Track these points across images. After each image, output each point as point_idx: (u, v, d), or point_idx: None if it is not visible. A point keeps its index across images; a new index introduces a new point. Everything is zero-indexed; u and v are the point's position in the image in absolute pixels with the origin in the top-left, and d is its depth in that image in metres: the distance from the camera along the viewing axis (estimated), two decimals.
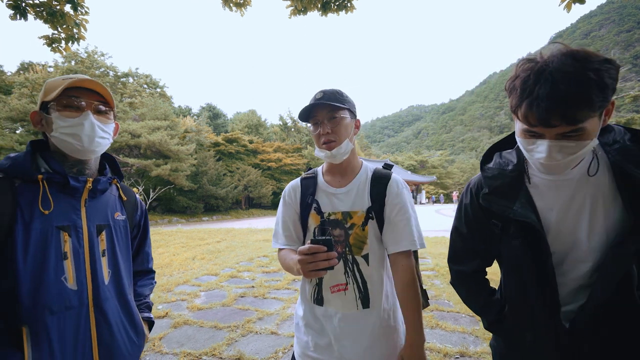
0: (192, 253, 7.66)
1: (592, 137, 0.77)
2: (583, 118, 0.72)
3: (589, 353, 0.87)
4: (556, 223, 0.89)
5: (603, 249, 0.84)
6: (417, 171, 57.60)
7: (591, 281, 0.86)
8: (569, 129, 0.74)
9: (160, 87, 29.62)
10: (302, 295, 1.24)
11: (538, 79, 0.73)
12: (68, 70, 21.07)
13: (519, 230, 0.92)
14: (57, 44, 3.76)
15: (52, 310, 0.87)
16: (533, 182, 0.94)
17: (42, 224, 0.89)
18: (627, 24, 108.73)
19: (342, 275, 1.14)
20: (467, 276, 1.12)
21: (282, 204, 1.27)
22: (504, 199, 0.94)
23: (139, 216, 1.23)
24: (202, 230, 13.29)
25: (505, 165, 0.99)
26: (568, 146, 0.77)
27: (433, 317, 3.46)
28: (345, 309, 1.12)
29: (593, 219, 0.85)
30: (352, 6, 4.21)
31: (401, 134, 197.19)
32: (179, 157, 20.18)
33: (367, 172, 1.22)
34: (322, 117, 1.13)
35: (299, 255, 0.92)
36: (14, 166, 0.91)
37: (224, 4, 3.98)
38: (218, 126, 39.87)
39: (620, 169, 0.82)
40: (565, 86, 0.70)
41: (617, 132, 0.89)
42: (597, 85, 0.70)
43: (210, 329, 3.27)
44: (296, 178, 1.30)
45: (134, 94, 23.83)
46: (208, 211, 23.64)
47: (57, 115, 0.95)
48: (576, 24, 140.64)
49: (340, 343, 1.11)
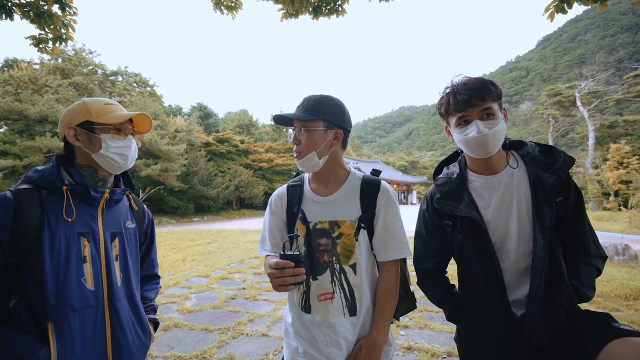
0: (182, 254, 7.60)
1: (500, 118, 1.08)
2: (488, 98, 1.06)
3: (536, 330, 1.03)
4: (493, 218, 1.12)
5: (530, 236, 1.07)
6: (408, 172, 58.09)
7: (527, 265, 1.08)
8: (484, 106, 1.06)
9: (150, 86, 29.18)
10: (290, 302, 1.25)
11: (454, 88, 1.10)
12: (55, 68, 20.60)
13: (463, 225, 1.15)
14: (44, 45, 3.70)
15: (74, 308, 0.97)
16: (472, 186, 1.18)
17: (65, 230, 0.99)
18: (612, 28, 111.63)
19: (329, 284, 1.14)
20: (429, 273, 1.29)
21: (269, 211, 1.27)
22: (452, 201, 1.17)
23: (147, 225, 1.33)
24: (193, 231, 13.18)
25: (451, 175, 1.23)
26: (487, 121, 1.07)
27: (422, 318, 3.52)
28: (332, 317, 1.12)
29: (519, 213, 1.09)
30: (343, 10, 4.26)
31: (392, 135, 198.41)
32: (169, 157, 19.95)
33: (355, 181, 1.20)
34: (296, 126, 1.16)
35: (269, 269, 0.94)
36: (42, 178, 1.01)
37: (215, 7, 3.98)
38: (209, 126, 39.47)
39: (533, 173, 1.10)
40: (472, 83, 1.08)
41: (530, 146, 1.18)
42: (488, 82, 1.08)
43: (201, 331, 3.27)
44: (287, 181, 1.32)
45: (123, 93, 23.43)
46: (199, 212, 23.43)
47: (109, 136, 1.07)
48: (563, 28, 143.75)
49: (328, 349, 1.11)
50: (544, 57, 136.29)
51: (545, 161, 1.11)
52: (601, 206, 21.21)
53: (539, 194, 1.07)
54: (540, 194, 1.06)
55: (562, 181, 1.09)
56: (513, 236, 1.09)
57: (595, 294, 1.12)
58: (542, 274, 1.02)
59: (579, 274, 1.09)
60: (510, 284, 1.10)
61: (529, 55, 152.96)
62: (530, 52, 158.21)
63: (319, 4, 4.09)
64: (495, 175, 1.14)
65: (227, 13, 4.12)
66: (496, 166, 1.15)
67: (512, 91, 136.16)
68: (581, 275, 1.09)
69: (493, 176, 1.15)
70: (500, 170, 1.15)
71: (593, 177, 22.77)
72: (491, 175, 1.15)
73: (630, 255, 6.39)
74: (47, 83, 18.39)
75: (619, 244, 6.57)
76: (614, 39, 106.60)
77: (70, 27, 3.70)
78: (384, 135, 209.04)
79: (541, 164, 1.11)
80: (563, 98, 30.39)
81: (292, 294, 1.23)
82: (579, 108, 28.67)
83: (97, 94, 19.89)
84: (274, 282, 0.94)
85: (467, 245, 1.14)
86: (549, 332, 1.03)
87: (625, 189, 18.88)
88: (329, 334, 1.12)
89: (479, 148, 1.09)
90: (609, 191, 20.79)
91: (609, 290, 4.46)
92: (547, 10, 2.99)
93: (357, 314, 1.14)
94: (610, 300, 4.15)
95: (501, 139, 1.10)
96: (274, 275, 0.94)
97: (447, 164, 1.33)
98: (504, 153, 1.17)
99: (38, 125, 16.22)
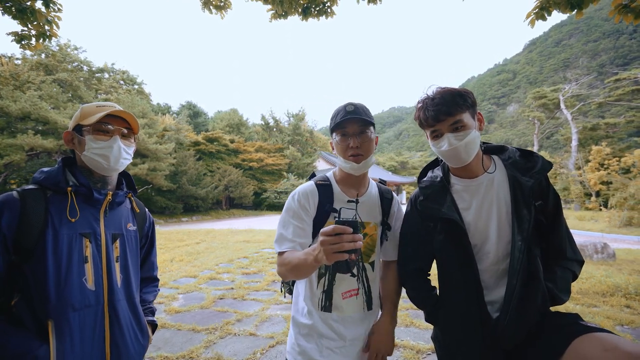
0: (170, 255, 7.52)
1: (471, 128, 1.12)
2: (457, 112, 1.10)
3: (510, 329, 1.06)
4: (473, 220, 1.16)
5: (509, 238, 1.11)
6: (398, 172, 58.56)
7: (506, 266, 1.11)
8: (452, 120, 1.11)
9: (137, 83, 28.59)
10: (308, 304, 1.24)
11: (426, 101, 1.16)
12: (38, 63, 20.03)
13: (444, 226, 1.19)
14: (27, 41, 3.62)
15: (74, 307, 0.98)
16: (454, 189, 1.23)
17: (68, 230, 1.01)
18: (594, 34, 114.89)
19: (354, 281, 1.23)
20: (411, 274, 1.33)
21: (298, 207, 1.21)
22: (435, 203, 1.22)
23: (148, 228, 1.34)
24: (181, 231, 13.03)
25: (435, 178, 1.29)
26: (458, 134, 1.11)
27: (408, 316, 3.59)
28: (354, 312, 1.23)
29: (499, 215, 1.13)
30: (332, 12, 4.30)
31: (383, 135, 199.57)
32: (157, 156, 19.63)
33: (375, 187, 1.35)
34: (352, 130, 1.19)
35: (322, 236, 0.86)
36: (47, 179, 1.03)
37: (204, 6, 3.96)
38: (198, 125, 38.99)
39: (512, 176, 1.14)
40: (439, 98, 1.12)
41: (510, 151, 1.23)
42: (457, 94, 1.12)
43: (188, 331, 3.26)
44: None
45: (110, 90, 22.86)
46: (187, 211, 23.15)
47: (91, 137, 1.08)
48: (548, 32, 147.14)
49: (352, 343, 1.21)
50: (531, 61, 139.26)
51: (524, 165, 1.15)
52: (583, 206, 21.81)
53: (518, 197, 1.10)
54: (520, 196, 1.10)
55: (540, 185, 1.13)
56: (492, 238, 1.13)
57: (569, 297, 1.14)
58: (519, 275, 1.05)
59: (555, 277, 1.11)
60: (489, 285, 1.14)
61: (516, 59, 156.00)
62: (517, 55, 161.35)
63: (308, 5, 4.12)
64: (476, 179, 1.19)
65: (216, 13, 4.11)
66: (476, 170, 1.20)
67: (500, 93, 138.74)
68: (557, 278, 1.11)
69: (473, 179, 1.19)
70: (480, 174, 1.19)
71: (576, 178, 23.38)
72: (472, 179, 1.20)
73: (609, 254, 6.62)
74: (30, 79, 17.84)
75: (598, 242, 6.81)
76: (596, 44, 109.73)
77: (55, 23, 3.63)
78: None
79: (520, 168, 1.15)
80: (548, 101, 31.16)
81: (310, 295, 1.23)
82: (562, 111, 29.43)
83: (82, 91, 19.36)
84: (328, 249, 0.84)
85: (447, 246, 1.19)
86: (522, 333, 1.05)
87: (606, 189, 19.46)
88: (351, 328, 1.22)
89: (453, 159, 1.15)
90: (591, 192, 21.39)
91: (588, 287, 4.62)
92: (528, 17, 3.09)
93: (373, 307, 1.27)
94: (588, 296, 4.31)
95: (475, 148, 1.14)
96: (328, 242, 0.84)
97: (431, 168, 1.38)
98: (485, 157, 1.22)
99: (20, 122, 15.71)
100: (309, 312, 1.23)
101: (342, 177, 1.30)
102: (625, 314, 3.68)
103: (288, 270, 1.09)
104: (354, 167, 1.20)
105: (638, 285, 4.48)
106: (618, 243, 9.77)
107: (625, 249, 8.22)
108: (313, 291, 1.23)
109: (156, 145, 19.50)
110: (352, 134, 1.19)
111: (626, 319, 3.48)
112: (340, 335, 1.20)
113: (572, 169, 25.33)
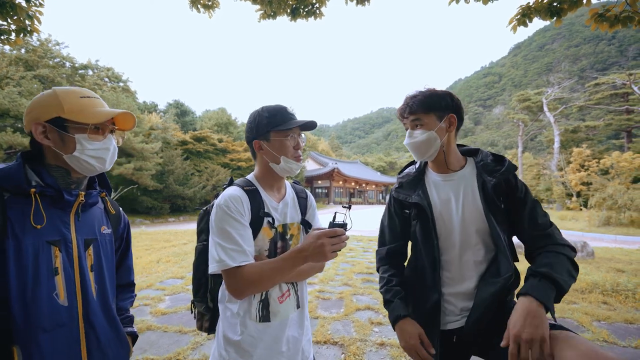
0: (156, 256, 7.38)
1: (431, 128, 1.24)
2: (420, 110, 1.25)
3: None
4: (440, 211, 1.28)
5: (472, 232, 1.23)
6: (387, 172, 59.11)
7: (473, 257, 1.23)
8: (412, 117, 1.27)
9: (123, 81, 27.95)
10: (245, 317, 1.12)
11: (406, 97, 1.31)
12: (17, 58, 19.36)
13: (417, 214, 1.32)
14: (6, 36, 3.51)
15: (45, 328, 0.85)
16: (428, 180, 1.37)
17: (33, 238, 0.86)
18: (575, 39, 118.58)
19: (284, 284, 1.18)
20: (381, 258, 1.45)
21: (232, 218, 1.08)
22: (408, 190, 1.37)
23: (122, 229, 1.21)
24: (168, 231, 12.81)
25: (411, 170, 1.45)
26: (414, 131, 1.28)
27: None
28: (288, 314, 1.18)
29: (464, 210, 1.24)
30: (320, 13, 4.32)
31: (372, 136, 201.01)
32: (143, 156, 19.26)
33: (290, 188, 1.35)
34: (297, 131, 1.22)
35: (324, 238, 0.98)
36: (5, 179, 0.86)
37: (192, 5, 3.92)
38: (186, 124, 38.37)
39: (480, 176, 1.26)
40: (412, 96, 1.28)
41: (484, 154, 1.34)
42: (431, 95, 1.25)
43: (175, 333, 3.22)
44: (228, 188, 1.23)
45: (94, 88, 22.22)
46: (174, 212, 22.77)
47: (85, 137, 0.94)
48: (533, 37, 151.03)
49: (289, 345, 1.16)
50: (516, 64, 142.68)
51: (493, 168, 1.27)
52: (565, 206, 22.49)
53: (486, 194, 1.22)
54: (487, 193, 1.22)
55: (508, 183, 1.23)
56: (457, 229, 1.24)
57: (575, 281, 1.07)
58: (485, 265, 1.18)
59: (548, 262, 1.08)
60: (455, 277, 1.25)
61: (502, 62, 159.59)
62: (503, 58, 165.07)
63: (297, 5, 4.13)
64: (449, 174, 1.32)
65: (203, 12, 4.07)
66: (451, 167, 1.32)
67: (486, 95, 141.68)
68: (551, 262, 1.07)
69: (448, 175, 1.32)
70: (455, 171, 1.32)
71: (558, 178, 24.06)
72: (446, 174, 1.32)
73: (588, 252, 6.86)
74: (9, 75, 17.24)
75: (578, 241, 7.03)
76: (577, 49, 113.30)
77: (36, 18, 3.53)
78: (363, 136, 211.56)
79: (488, 170, 1.27)
80: (532, 103, 31.97)
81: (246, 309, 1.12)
82: (546, 113, 30.21)
83: None
84: (329, 249, 0.98)
85: (418, 232, 1.31)
86: (483, 321, 1.14)
87: (586, 190, 20.06)
88: (287, 330, 1.16)
89: (412, 152, 1.32)
90: (572, 192, 22.06)
91: None
92: (510, 23, 3.19)
93: (301, 305, 1.24)
94: (568, 293, 4.44)
95: (430, 146, 1.26)
96: (329, 243, 0.98)
97: (413, 164, 1.52)
98: (462, 158, 1.36)
99: None
100: (239, 328, 1.10)
101: (266, 181, 1.23)
102: (602, 310, 3.83)
103: (260, 282, 1.04)
104: (295, 167, 1.22)
105: (614, 283, 4.65)
106: (597, 242, 10.13)
107: (603, 247, 8.54)
108: (250, 303, 1.12)
109: (142, 145, 19.13)
110: (297, 135, 1.23)
111: (603, 315, 3.62)
112: (277, 341, 1.13)
113: (555, 170, 26.03)
